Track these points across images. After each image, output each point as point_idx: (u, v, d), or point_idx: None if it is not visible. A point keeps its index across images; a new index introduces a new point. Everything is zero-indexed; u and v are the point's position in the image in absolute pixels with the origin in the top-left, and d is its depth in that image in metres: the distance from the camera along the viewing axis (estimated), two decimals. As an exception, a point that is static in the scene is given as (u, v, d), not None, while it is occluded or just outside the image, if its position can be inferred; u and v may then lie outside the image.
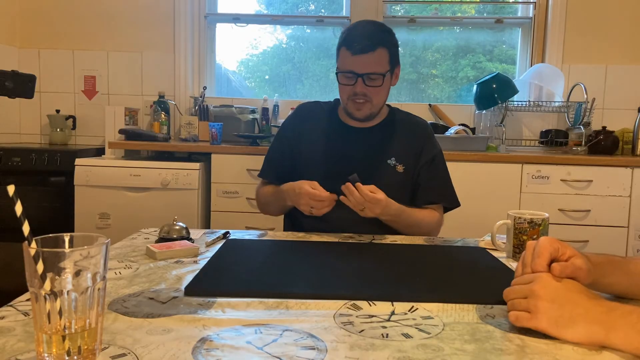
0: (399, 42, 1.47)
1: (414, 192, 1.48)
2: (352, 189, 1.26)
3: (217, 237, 1.18)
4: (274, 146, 1.57)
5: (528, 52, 3.09)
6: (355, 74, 1.39)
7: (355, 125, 1.51)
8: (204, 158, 2.60)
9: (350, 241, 1.21)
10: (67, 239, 0.58)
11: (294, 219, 1.53)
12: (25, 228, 0.54)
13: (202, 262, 0.98)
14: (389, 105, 1.58)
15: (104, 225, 2.51)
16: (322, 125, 1.53)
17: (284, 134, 1.56)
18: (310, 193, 1.29)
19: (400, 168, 1.46)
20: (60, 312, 0.52)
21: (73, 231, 2.46)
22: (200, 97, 3.01)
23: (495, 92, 2.79)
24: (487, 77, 2.86)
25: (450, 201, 1.51)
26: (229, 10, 3.26)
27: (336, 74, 1.44)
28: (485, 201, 2.42)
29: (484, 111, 2.98)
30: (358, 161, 1.46)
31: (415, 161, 1.48)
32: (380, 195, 1.27)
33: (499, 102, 2.79)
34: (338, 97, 1.52)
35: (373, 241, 1.21)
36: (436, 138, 1.56)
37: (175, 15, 3.11)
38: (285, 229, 1.57)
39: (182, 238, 1.12)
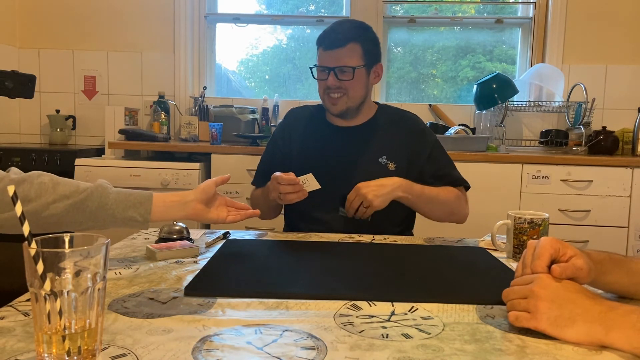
0: (399, 42, 1.48)
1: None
2: (347, 201, 1.30)
3: (217, 237, 1.18)
4: (266, 154, 1.59)
5: (528, 52, 3.09)
6: (327, 68, 1.43)
7: (343, 124, 1.51)
8: (204, 158, 2.60)
9: (350, 241, 1.21)
10: (67, 239, 0.58)
11: (290, 222, 1.54)
12: (25, 228, 0.54)
13: (202, 262, 0.99)
14: (377, 103, 1.58)
15: (104, 225, 2.50)
16: (310, 128, 1.54)
17: (274, 141, 1.58)
18: (274, 176, 1.29)
19: (391, 166, 1.46)
20: (60, 313, 0.52)
21: (73, 231, 2.46)
22: (200, 97, 3.01)
23: (495, 92, 2.79)
24: (487, 77, 2.86)
25: (462, 182, 1.51)
26: (229, 10, 3.26)
27: (311, 69, 1.48)
28: (485, 201, 2.42)
29: (484, 111, 2.98)
30: (349, 161, 1.46)
31: (410, 159, 1.47)
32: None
33: (499, 102, 2.79)
34: None
35: (373, 241, 1.21)
36: (429, 128, 1.56)
37: (175, 15, 3.11)
38: (285, 230, 1.57)
39: (182, 238, 1.13)
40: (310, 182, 1.27)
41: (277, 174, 1.28)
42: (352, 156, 1.47)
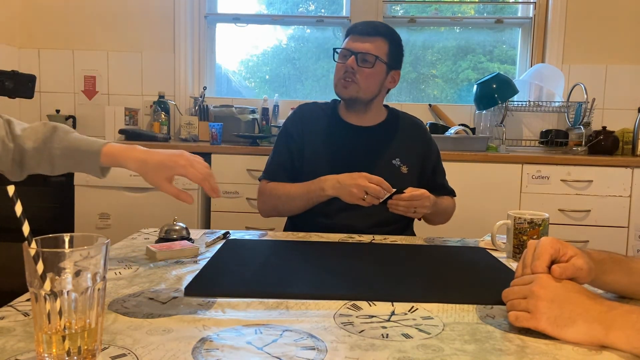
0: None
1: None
2: (399, 198, 1.30)
3: (217, 237, 1.18)
4: (280, 147, 1.53)
5: (528, 52, 3.09)
6: (351, 51, 1.45)
7: (357, 124, 1.51)
8: (204, 158, 2.58)
9: (350, 241, 1.21)
10: (67, 239, 0.58)
11: (291, 222, 1.54)
12: (25, 228, 0.54)
13: (202, 262, 0.99)
14: (387, 107, 1.59)
15: (104, 226, 2.50)
16: (324, 125, 1.52)
17: (289, 133, 1.53)
18: (376, 179, 1.31)
19: (404, 169, 1.48)
20: (60, 312, 0.52)
21: (73, 231, 2.46)
22: (200, 97, 3.01)
23: (495, 92, 2.79)
24: (487, 77, 2.86)
25: (453, 193, 1.61)
26: (229, 10, 3.26)
27: (334, 51, 1.50)
28: (485, 201, 2.42)
29: (484, 111, 2.98)
30: (362, 160, 1.46)
31: (420, 164, 1.52)
32: (421, 189, 1.34)
33: (499, 102, 2.79)
34: (336, 97, 1.52)
35: (373, 241, 1.21)
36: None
37: (175, 15, 3.11)
38: (285, 230, 1.57)
39: (182, 238, 1.13)
40: (386, 194, 1.32)
41: (368, 175, 1.31)
42: (366, 155, 1.47)
